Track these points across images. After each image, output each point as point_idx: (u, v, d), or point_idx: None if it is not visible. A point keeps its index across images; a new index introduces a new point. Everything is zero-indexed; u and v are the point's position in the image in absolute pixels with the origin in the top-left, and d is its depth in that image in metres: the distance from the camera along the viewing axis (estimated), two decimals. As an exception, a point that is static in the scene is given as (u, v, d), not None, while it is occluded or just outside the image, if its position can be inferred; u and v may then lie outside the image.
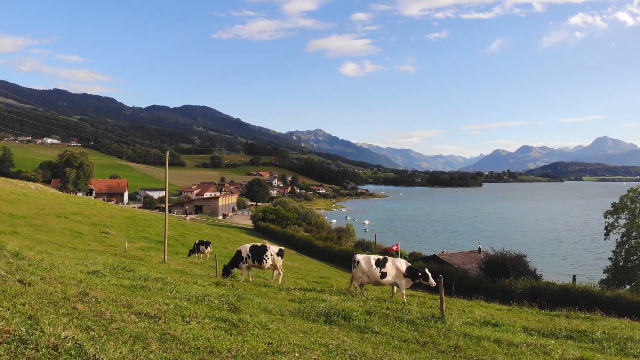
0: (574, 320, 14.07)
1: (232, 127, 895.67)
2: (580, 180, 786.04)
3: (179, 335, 6.13)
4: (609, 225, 53.36)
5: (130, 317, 6.59)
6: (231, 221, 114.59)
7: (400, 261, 16.55)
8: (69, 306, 6.54)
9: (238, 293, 11.26)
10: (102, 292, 7.81)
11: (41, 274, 8.33)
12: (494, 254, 39.65)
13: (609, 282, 44.25)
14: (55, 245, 21.59)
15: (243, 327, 7.19)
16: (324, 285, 18.06)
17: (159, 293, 9.33)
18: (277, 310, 9.87)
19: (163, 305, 7.61)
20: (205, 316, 7.47)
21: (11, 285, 7.05)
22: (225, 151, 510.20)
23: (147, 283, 10.38)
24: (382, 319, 10.44)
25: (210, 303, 9.09)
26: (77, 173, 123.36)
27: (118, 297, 7.82)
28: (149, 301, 7.80)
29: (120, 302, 7.40)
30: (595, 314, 16.33)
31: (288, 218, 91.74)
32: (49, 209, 44.64)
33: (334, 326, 9.12)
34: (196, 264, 25.72)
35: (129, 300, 7.65)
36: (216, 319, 7.52)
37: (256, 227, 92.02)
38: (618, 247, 50.49)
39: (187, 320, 7.07)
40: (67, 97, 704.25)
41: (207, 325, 6.96)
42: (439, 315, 11.30)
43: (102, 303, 7.10)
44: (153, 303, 7.67)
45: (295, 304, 11.38)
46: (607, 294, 27.84)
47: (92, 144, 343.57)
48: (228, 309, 8.86)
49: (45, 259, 10.62)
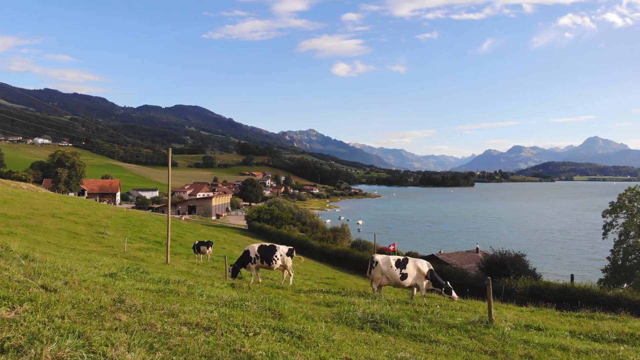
0: (604, 321, 13.69)
1: (224, 127, 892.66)
2: (572, 180, 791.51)
3: (250, 351, 5.59)
4: (607, 225, 53.49)
5: (182, 329, 6.06)
6: (225, 221, 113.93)
7: (422, 262, 15.90)
8: (111, 317, 6.04)
9: (270, 297, 10.70)
10: (137, 299, 7.32)
11: (62, 278, 7.83)
12: (494, 254, 39.68)
13: (608, 282, 44.30)
14: (54, 246, 21.16)
15: (308, 340, 6.72)
16: (335, 287, 17.56)
17: (191, 298, 8.84)
18: (317, 316, 9.36)
19: (208, 314, 7.13)
20: (260, 325, 6.98)
21: (36, 292, 6.50)
22: (217, 151, 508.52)
23: (170, 286, 9.95)
24: (430, 326, 9.96)
25: (250, 309, 8.61)
26: (69, 173, 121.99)
27: (155, 304, 7.33)
28: (190, 308, 7.28)
29: (162, 311, 6.90)
30: (621, 315, 15.89)
31: (283, 218, 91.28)
32: (43, 209, 44.02)
33: (385, 334, 8.65)
34: (198, 264, 25.33)
35: (170, 308, 7.13)
36: (272, 328, 7.03)
37: (251, 227, 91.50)
38: (616, 246, 50.62)
39: (245, 331, 6.55)
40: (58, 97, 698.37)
41: (269, 337, 6.49)
42: (486, 320, 10.73)
43: (144, 312, 6.62)
44: (196, 311, 7.16)
45: (324, 308, 10.92)
46: (608, 293, 27.79)
47: (84, 144, 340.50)
48: (271, 316, 8.37)
49: (58, 261, 10.13)
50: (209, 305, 8.25)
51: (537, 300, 25.76)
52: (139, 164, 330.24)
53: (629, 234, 49.76)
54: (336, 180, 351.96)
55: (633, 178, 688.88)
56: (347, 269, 49.28)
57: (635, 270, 46.92)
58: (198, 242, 31.82)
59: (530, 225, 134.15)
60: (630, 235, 49.67)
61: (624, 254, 48.94)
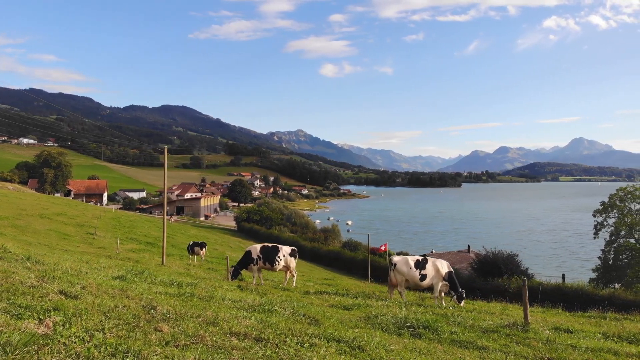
0: (616, 321, 13.51)
1: (212, 127, 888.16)
2: (557, 180, 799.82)
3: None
4: (598, 224, 54.04)
5: (233, 341, 5.62)
6: (214, 222, 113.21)
7: (441, 263, 15.48)
8: (151, 328, 5.54)
9: (291, 300, 10.28)
10: (165, 305, 6.85)
11: (77, 282, 7.32)
12: (486, 254, 39.83)
13: (598, 281, 44.77)
14: (46, 248, 20.75)
15: (370, 351, 6.35)
16: (338, 288, 17.33)
17: (216, 303, 8.41)
18: (349, 321, 8.92)
19: (246, 321, 6.73)
20: (312, 335, 6.54)
21: (57, 300, 5.95)
22: (205, 152, 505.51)
23: (186, 289, 9.53)
24: (470, 330, 9.54)
25: (281, 314, 8.19)
26: (55, 173, 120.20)
27: (187, 310, 6.83)
28: (225, 315, 6.83)
29: (199, 319, 6.41)
30: (634, 315, 15.73)
31: (273, 219, 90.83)
32: (31, 210, 43.30)
33: (428, 341, 8.18)
34: (194, 265, 25.02)
35: (206, 315, 6.68)
36: (326, 338, 6.59)
37: (240, 228, 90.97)
38: (607, 246, 51.15)
39: (299, 341, 6.13)
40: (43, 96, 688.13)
41: (328, 348, 6.09)
42: (522, 323, 10.43)
43: (182, 321, 6.11)
44: (233, 318, 6.73)
45: (343, 311, 10.54)
46: (601, 292, 28.09)
47: (70, 144, 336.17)
48: (307, 322, 7.96)
49: (62, 263, 9.71)
50: (240, 310, 7.88)
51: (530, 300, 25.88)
52: (125, 164, 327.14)
53: (620, 234, 50.35)
54: (325, 180, 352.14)
55: (618, 178, 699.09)
56: (339, 270, 49.21)
57: (626, 269, 47.48)
58: (192, 243, 31.45)
59: (518, 225, 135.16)
60: (620, 234, 50.26)
61: (614, 254, 49.48)
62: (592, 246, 70.00)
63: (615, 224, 51.40)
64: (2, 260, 8.34)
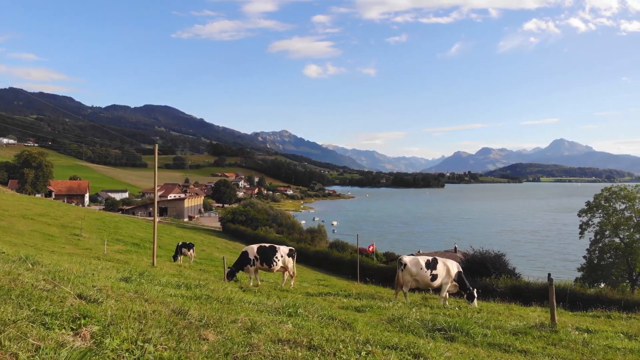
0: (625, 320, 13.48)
1: (195, 127, 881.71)
2: (538, 181, 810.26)
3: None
4: (584, 224, 54.69)
5: (287, 350, 5.24)
6: (198, 223, 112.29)
7: (451, 263, 15.13)
8: (196, 336, 5.10)
9: (310, 302, 9.83)
10: (198, 311, 6.41)
11: (91, 285, 6.83)
12: (474, 253, 40.17)
13: (584, 280, 45.37)
14: (32, 249, 20.23)
15: (432, 359, 6.03)
16: (335, 288, 17.08)
17: (237, 305, 7.91)
18: (378, 325, 8.52)
19: (288, 327, 6.33)
20: (357, 341, 6.13)
21: (79, 304, 5.43)
22: (188, 152, 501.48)
23: (200, 292, 9.05)
24: (502, 332, 9.16)
25: (310, 318, 7.77)
26: (35, 174, 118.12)
27: (221, 316, 6.35)
28: (260, 320, 6.42)
29: (237, 324, 6.01)
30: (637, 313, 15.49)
31: (259, 219, 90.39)
32: (13, 210, 42.42)
33: (464, 345, 7.83)
34: (185, 267, 24.66)
35: (243, 320, 6.25)
36: (380, 345, 6.21)
37: (225, 229, 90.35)
38: (592, 245, 51.84)
39: (358, 350, 5.72)
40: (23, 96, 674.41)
41: (388, 356, 5.69)
42: (549, 324, 10.19)
43: (224, 328, 5.69)
44: (269, 323, 6.35)
45: (357, 314, 10.19)
46: (588, 291, 28.45)
47: (50, 144, 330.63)
48: (341, 326, 7.51)
49: (60, 264, 9.21)
50: (266, 314, 7.47)
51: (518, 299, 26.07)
52: (107, 164, 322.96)
53: (605, 233, 51.10)
54: (310, 181, 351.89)
55: (598, 179, 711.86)
56: (327, 270, 49.07)
57: (612, 269, 48.18)
58: (181, 244, 30.98)
59: (501, 225, 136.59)
60: (605, 234, 51.01)
61: (599, 253, 50.19)
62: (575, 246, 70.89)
63: (601, 224, 52.15)
64: (1, 261, 7.95)
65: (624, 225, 50.30)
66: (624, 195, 51.85)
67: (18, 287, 5.89)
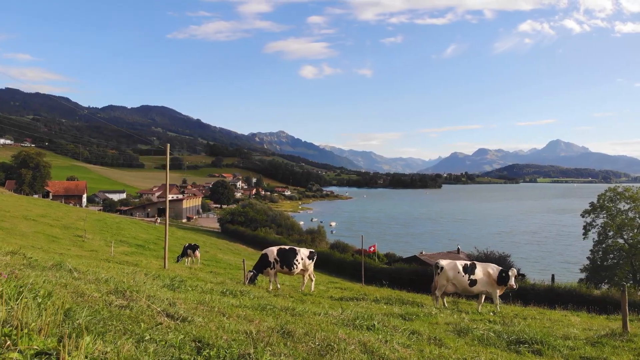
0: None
1: (192, 128, 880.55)
2: (535, 182, 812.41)
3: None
4: (588, 225, 54.67)
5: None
6: (196, 224, 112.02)
7: (492, 266, 14.74)
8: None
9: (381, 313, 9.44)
10: (298, 327, 6.04)
11: (159, 297, 6.23)
12: (478, 254, 40.15)
13: (588, 281, 45.39)
14: (40, 251, 20.05)
15: None
16: (354, 292, 16.71)
17: (308, 318, 7.46)
18: (439, 333, 8.05)
19: (395, 346, 5.98)
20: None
21: (176, 326, 4.73)
22: (185, 152, 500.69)
23: (251, 302, 8.46)
24: (585, 344, 8.71)
25: (391, 332, 7.30)
26: (33, 174, 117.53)
27: (329, 336, 5.72)
28: (366, 339, 5.88)
29: (351, 347, 5.44)
30: None
31: (258, 220, 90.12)
32: (14, 211, 42.16)
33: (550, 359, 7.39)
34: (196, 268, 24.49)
35: (355, 342, 5.72)
36: None
37: (224, 229, 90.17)
38: (596, 246, 51.86)
39: None
40: (20, 96, 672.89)
41: None
42: (619, 332, 9.86)
43: (342, 354, 5.11)
44: (377, 342, 5.91)
45: (406, 322, 9.57)
46: (594, 293, 28.36)
47: (47, 144, 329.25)
48: (433, 342, 7.13)
49: (97, 270, 8.81)
50: (344, 327, 6.95)
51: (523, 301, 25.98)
52: (104, 165, 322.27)
53: (608, 234, 51.14)
54: (307, 182, 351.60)
55: (594, 180, 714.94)
56: (329, 271, 48.95)
57: (615, 269, 48.19)
58: (187, 246, 30.77)
59: (500, 226, 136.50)
60: (609, 235, 51.05)
61: (603, 254, 50.21)
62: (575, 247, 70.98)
63: (604, 225, 52.21)
64: (34, 269, 7.38)
65: (628, 226, 50.43)
66: (628, 196, 51.91)
67: (96, 305, 5.22)
